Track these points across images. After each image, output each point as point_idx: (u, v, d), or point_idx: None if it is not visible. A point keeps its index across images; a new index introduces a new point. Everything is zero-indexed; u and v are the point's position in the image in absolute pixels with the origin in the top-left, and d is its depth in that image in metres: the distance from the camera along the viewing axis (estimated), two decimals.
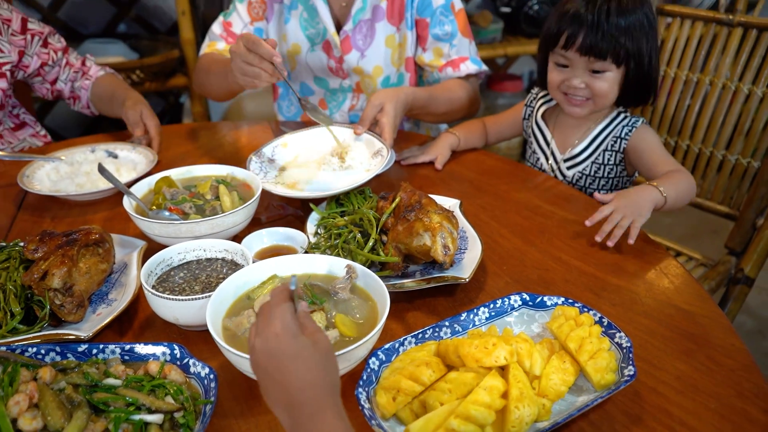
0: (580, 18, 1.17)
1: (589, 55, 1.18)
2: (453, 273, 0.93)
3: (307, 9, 1.51)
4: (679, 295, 0.94)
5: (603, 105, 1.25)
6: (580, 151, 1.31)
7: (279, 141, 1.29)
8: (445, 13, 1.48)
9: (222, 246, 0.94)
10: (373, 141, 1.24)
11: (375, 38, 1.50)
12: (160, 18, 2.70)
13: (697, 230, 2.63)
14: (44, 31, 1.53)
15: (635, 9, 1.18)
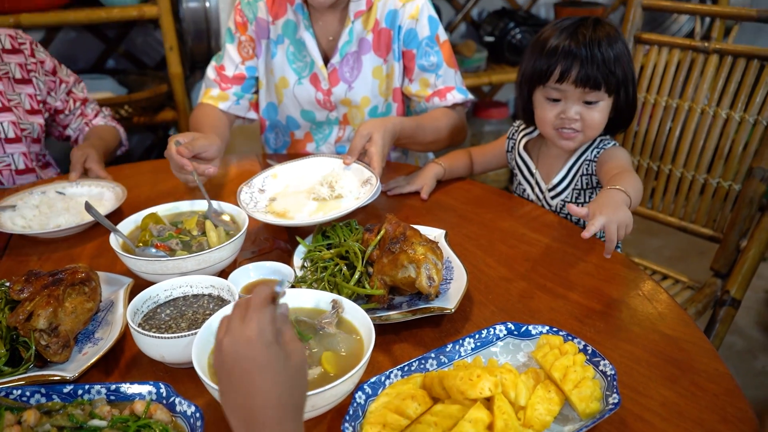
0: (572, 52, 1.19)
1: (585, 86, 1.20)
2: (439, 304, 0.94)
3: (294, 43, 1.54)
4: (662, 320, 0.95)
5: (592, 136, 1.28)
6: (560, 180, 1.33)
7: (269, 172, 1.31)
8: (430, 44, 1.51)
9: (208, 282, 0.95)
10: (362, 170, 1.26)
11: (362, 70, 1.53)
12: (149, 53, 2.73)
13: (685, 252, 2.66)
14: (70, 81, 1.70)
15: (617, 38, 1.23)
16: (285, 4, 1.53)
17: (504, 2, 3.00)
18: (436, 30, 1.51)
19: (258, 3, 1.54)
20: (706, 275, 1.60)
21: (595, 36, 1.20)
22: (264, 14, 1.55)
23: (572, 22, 1.24)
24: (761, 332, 2.27)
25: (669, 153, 1.64)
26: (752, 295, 2.42)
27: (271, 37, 1.56)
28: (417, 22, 1.48)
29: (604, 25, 1.24)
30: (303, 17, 1.51)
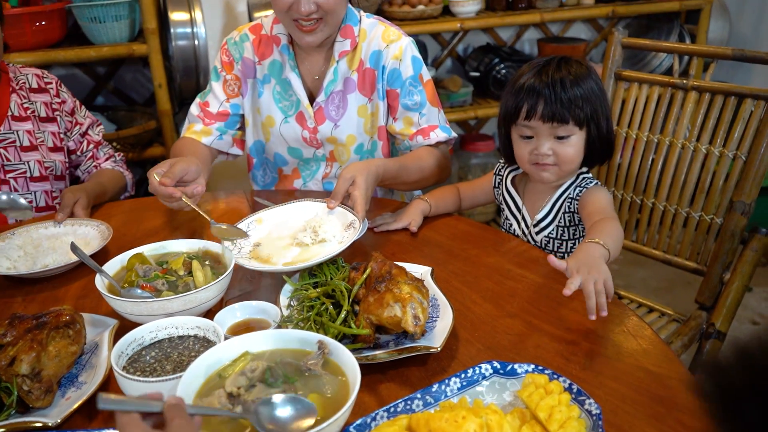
0: (536, 89, 1.25)
1: (552, 121, 1.25)
2: (425, 343, 0.94)
3: (280, 83, 1.57)
4: (647, 356, 0.96)
5: (569, 170, 1.31)
6: (544, 216, 1.35)
7: (254, 217, 1.31)
8: (414, 84, 1.54)
9: (194, 323, 0.94)
10: (345, 214, 1.27)
11: (347, 109, 1.56)
12: (138, 90, 2.75)
13: (671, 282, 2.68)
14: (85, 123, 1.73)
15: (585, 77, 1.27)
16: (271, 45, 1.56)
17: (489, 38, 3.06)
18: (419, 70, 1.54)
19: (244, 43, 1.57)
20: (692, 306, 1.61)
21: (560, 73, 1.25)
22: (250, 54, 1.57)
23: (541, 62, 1.30)
24: None
25: (651, 187, 1.67)
26: (738, 326, 2.44)
27: (257, 77, 1.58)
28: (401, 62, 1.52)
29: (571, 63, 1.28)
30: (289, 57, 1.54)
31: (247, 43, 1.57)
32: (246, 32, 1.58)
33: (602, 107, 1.28)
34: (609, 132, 1.31)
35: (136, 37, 2.39)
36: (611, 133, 1.32)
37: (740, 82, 3.11)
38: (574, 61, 1.30)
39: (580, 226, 1.34)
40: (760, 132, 1.46)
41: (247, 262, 1.15)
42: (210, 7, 2.67)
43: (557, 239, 1.36)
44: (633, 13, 2.82)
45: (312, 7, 1.39)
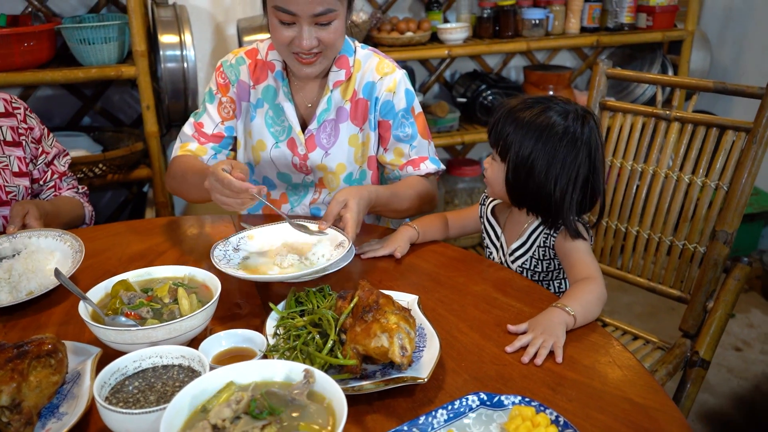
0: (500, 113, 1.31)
1: (489, 137, 1.33)
2: (412, 373, 0.94)
3: (273, 108, 1.57)
4: (632, 387, 0.96)
5: (490, 191, 1.39)
6: (519, 245, 1.36)
7: (246, 233, 1.35)
8: (406, 116, 1.57)
9: (179, 352, 0.93)
10: (336, 235, 1.30)
11: (339, 138, 1.57)
12: (125, 111, 2.75)
13: (656, 308, 2.70)
14: (51, 152, 1.70)
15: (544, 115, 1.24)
16: (266, 70, 1.57)
17: (476, 65, 3.10)
18: (411, 102, 1.57)
19: (240, 67, 1.58)
20: (676, 331, 1.63)
21: (523, 107, 1.28)
22: (246, 78, 1.58)
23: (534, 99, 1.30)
24: (733, 390, 2.29)
25: (636, 215, 1.69)
26: (722, 352, 2.46)
27: (251, 101, 1.59)
28: (394, 95, 1.54)
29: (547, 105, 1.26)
30: (283, 84, 1.55)
31: (243, 67, 1.58)
32: (242, 56, 1.59)
33: (537, 158, 1.23)
34: (540, 188, 1.25)
35: (125, 58, 2.39)
36: (546, 191, 1.25)
37: (721, 110, 3.19)
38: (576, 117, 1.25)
39: (555, 261, 1.35)
40: (741, 163, 1.49)
41: (234, 272, 1.20)
42: (200, 30, 2.69)
43: (530, 270, 1.37)
44: (617, 43, 2.87)
45: (314, 42, 1.40)
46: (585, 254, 1.26)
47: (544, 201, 1.27)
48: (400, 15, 2.86)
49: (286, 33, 1.40)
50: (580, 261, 1.25)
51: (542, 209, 1.30)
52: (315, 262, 1.26)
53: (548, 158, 1.24)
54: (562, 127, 1.24)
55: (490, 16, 2.74)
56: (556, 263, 1.35)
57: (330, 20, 1.40)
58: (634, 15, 2.87)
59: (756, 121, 1.47)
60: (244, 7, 2.74)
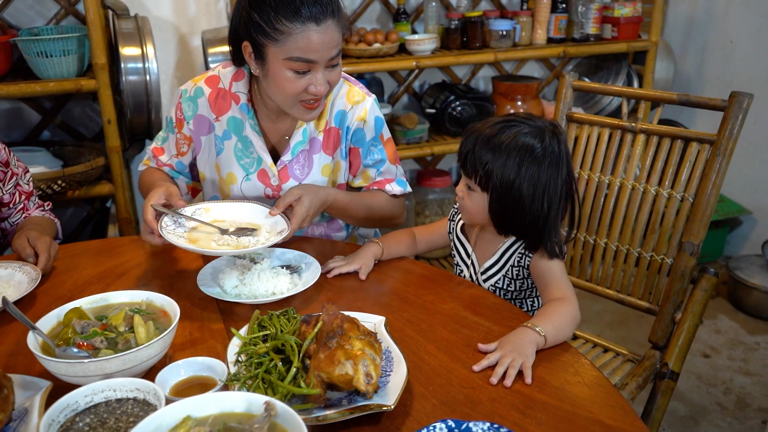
0: (474, 131, 1.27)
1: (463, 168, 1.29)
2: (378, 401, 0.91)
3: (241, 140, 1.53)
4: (602, 408, 0.95)
5: (466, 220, 1.36)
6: (491, 265, 1.34)
7: (203, 205, 1.39)
8: (375, 143, 1.55)
9: (133, 385, 0.89)
10: (280, 221, 1.36)
11: (312, 168, 1.54)
12: (86, 124, 2.68)
13: (626, 315, 2.71)
14: (19, 172, 1.61)
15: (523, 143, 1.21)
16: (229, 101, 1.51)
17: (445, 76, 3.10)
18: (380, 129, 1.55)
19: (198, 99, 1.52)
20: (646, 338, 1.63)
21: (495, 131, 1.23)
22: (206, 111, 1.52)
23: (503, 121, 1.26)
24: (702, 397, 2.31)
25: (604, 227, 1.69)
26: (690, 359, 2.48)
27: (216, 134, 1.54)
28: (365, 123, 1.52)
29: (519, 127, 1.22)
30: (249, 116, 1.50)
31: (202, 99, 1.52)
32: (201, 86, 1.52)
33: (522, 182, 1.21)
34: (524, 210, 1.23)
35: (86, 71, 2.33)
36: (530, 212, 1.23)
37: (686, 119, 3.24)
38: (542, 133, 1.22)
39: (528, 281, 1.33)
40: (706, 175, 1.50)
41: (175, 240, 1.25)
42: (163, 42, 2.63)
43: (503, 289, 1.35)
44: (583, 53, 2.90)
45: (327, 87, 1.37)
46: (560, 275, 1.25)
47: (533, 224, 1.24)
48: (368, 26, 2.85)
49: (300, 83, 1.34)
50: (555, 281, 1.24)
51: (529, 232, 1.27)
52: (248, 244, 1.29)
53: (534, 182, 1.21)
54: (541, 148, 1.21)
55: (457, 27, 2.74)
56: (530, 282, 1.33)
57: (338, 61, 1.38)
58: (599, 26, 2.90)
59: (719, 134, 1.48)
60: (208, 18, 2.70)
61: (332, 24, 1.31)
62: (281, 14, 1.28)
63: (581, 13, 2.88)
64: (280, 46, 1.31)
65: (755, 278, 2.75)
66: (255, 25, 1.32)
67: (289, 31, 1.29)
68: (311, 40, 1.29)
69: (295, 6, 1.28)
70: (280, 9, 1.28)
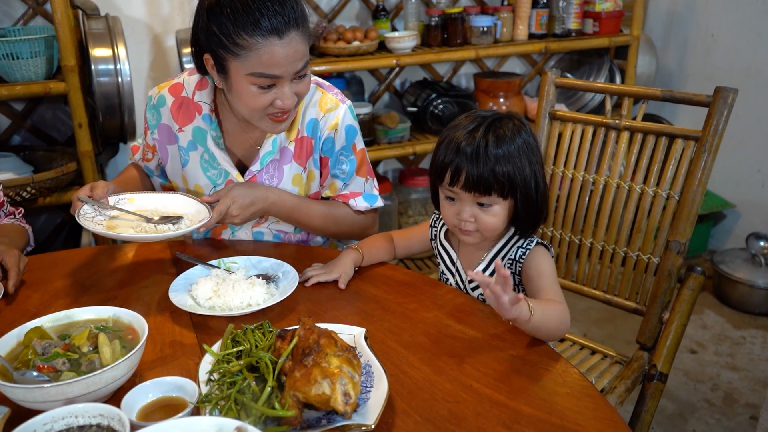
0: (461, 159, 1.18)
1: (473, 191, 1.19)
2: (357, 420, 0.86)
3: (207, 151, 1.47)
4: (592, 421, 0.91)
5: (491, 236, 1.26)
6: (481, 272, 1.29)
7: (128, 196, 1.41)
8: (345, 153, 1.49)
9: (96, 410, 0.83)
10: (205, 212, 1.35)
11: (282, 179, 1.48)
12: (58, 128, 2.60)
13: (613, 313, 2.69)
14: None
15: (514, 137, 1.19)
16: (193, 112, 1.45)
17: (426, 73, 3.06)
18: (353, 139, 1.48)
19: (161, 109, 1.47)
20: (633, 336, 1.60)
21: (487, 140, 1.17)
22: (168, 120, 1.47)
23: (472, 124, 1.21)
24: (690, 394, 2.29)
25: (589, 227, 1.66)
26: (678, 355, 2.46)
27: (180, 144, 1.48)
28: (336, 132, 1.46)
29: (502, 125, 1.20)
30: (211, 128, 1.45)
31: (164, 108, 1.46)
32: (164, 94, 1.47)
33: (533, 168, 1.20)
34: (539, 199, 1.23)
35: (55, 74, 2.25)
36: (542, 199, 1.23)
37: (669, 113, 3.23)
38: (508, 121, 1.22)
39: (519, 287, 1.29)
40: (691, 172, 1.47)
41: (92, 226, 1.26)
42: (136, 42, 2.56)
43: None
44: (565, 49, 2.87)
45: (295, 100, 1.30)
46: (552, 281, 1.21)
47: (546, 208, 1.26)
48: (347, 24, 2.80)
49: (266, 97, 1.28)
50: (547, 288, 1.20)
51: (543, 219, 1.27)
52: (166, 230, 1.30)
53: (541, 168, 1.24)
54: (532, 137, 1.23)
55: (438, 24, 2.70)
56: (520, 288, 1.29)
57: (306, 71, 1.31)
58: (580, 21, 2.87)
59: (704, 130, 1.45)
60: (183, 17, 2.63)
61: (296, 36, 1.24)
62: (240, 27, 1.20)
63: (562, 8, 2.85)
64: (241, 61, 1.23)
65: (740, 272, 2.75)
66: (215, 39, 1.24)
67: (250, 46, 1.21)
68: (274, 55, 1.22)
69: (254, 18, 1.20)
70: (239, 22, 1.20)
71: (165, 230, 1.30)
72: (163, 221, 1.33)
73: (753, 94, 2.80)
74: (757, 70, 2.81)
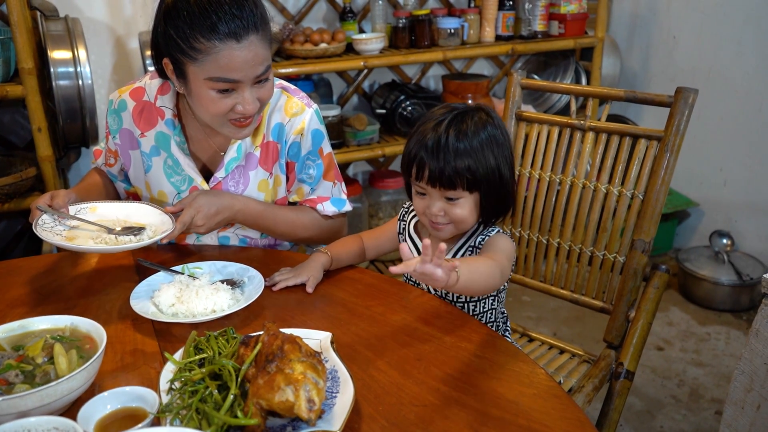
0: (426, 154, 1.18)
1: (437, 185, 1.19)
2: (322, 426, 0.85)
3: (170, 156, 1.44)
4: (558, 422, 0.91)
5: (464, 228, 1.26)
6: None
7: (89, 204, 1.37)
8: (312, 158, 1.47)
9: (50, 424, 0.80)
10: (169, 222, 1.32)
11: (248, 185, 1.46)
12: (17, 132, 2.53)
13: (582, 312, 2.72)
14: None
15: (477, 131, 1.19)
16: (155, 117, 1.43)
17: (394, 75, 3.06)
18: (319, 144, 1.47)
19: (122, 113, 1.44)
20: (601, 334, 1.61)
21: (452, 135, 1.17)
22: (129, 125, 1.44)
23: (439, 117, 1.22)
24: (657, 390, 2.33)
25: (556, 226, 1.67)
26: (645, 352, 2.49)
27: (143, 150, 1.45)
28: (302, 137, 1.44)
29: (468, 120, 1.20)
30: (174, 133, 1.42)
31: (126, 114, 1.43)
32: (125, 98, 1.44)
33: (497, 159, 1.21)
34: (505, 191, 1.24)
35: (12, 76, 2.19)
36: (508, 191, 1.25)
37: (633, 113, 3.28)
38: (474, 114, 1.22)
39: None
40: (654, 172, 1.49)
41: (50, 237, 1.22)
42: (98, 44, 2.51)
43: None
44: (531, 50, 2.89)
45: (257, 105, 1.28)
46: (499, 249, 1.23)
47: (511, 198, 1.27)
48: (314, 25, 2.78)
49: (226, 102, 1.26)
50: (495, 250, 1.22)
51: (507, 208, 1.28)
52: (125, 241, 1.27)
53: (506, 160, 1.24)
54: (499, 130, 1.24)
55: (405, 26, 2.70)
56: None
57: (268, 76, 1.29)
58: (546, 23, 2.90)
59: (666, 130, 1.47)
60: (146, 19, 2.58)
61: (255, 39, 1.22)
62: (197, 31, 1.18)
63: (528, 10, 2.87)
64: (199, 66, 1.21)
65: (704, 270, 2.80)
66: (172, 42, 1.22)
67: (207, 50, 1.19)
68: (233, 59, 1.20)
69: (211, 22, 1.18)
70: (195, 25, 1.18)
71: (126, 242, 1.27)
72: (125, 232, 1.30)
73: (714, 94, 2.87)
74: (718, 72, 2.88)
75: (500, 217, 1.28)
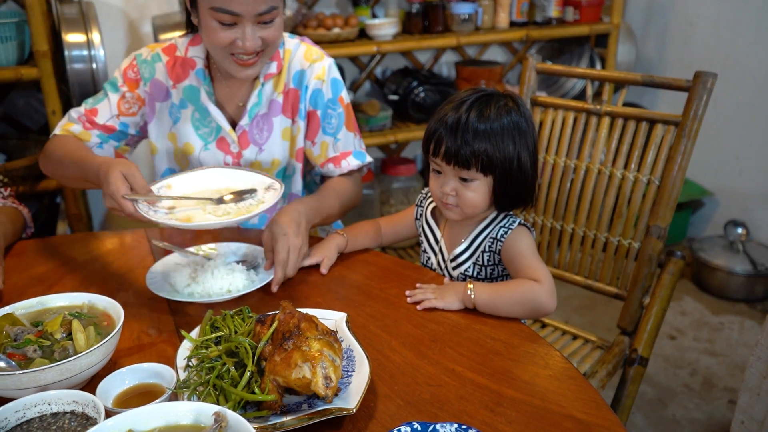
0: (444, 130, 1.18)
1: (452, 163, 1.18)
2: (339, 404, 0.85)
3: (198, 109, 1.47)
4: (574, 402, 0.91)
5: (470, 213, 1.24)
6: (461, 251, 1.28)
7: (163, 183, 1.25)
8: (332, 106, 1.49)
9: (70, 397, 0.81)
10: (262, 179, 1.25)
11: (272, 132, 1.49)
12: (31, 116, 2.54)
13: (594, 300, 2.71)
14: None
15: (500, 115, 1.18)
16: (187, 69, 1.46)
17: (407, 61, 3.04)
18: (339, 92, 1.50)
19: (156, 64, 1.46)
20: (614, 322, 1.60)
21: (472, 116, 1.16)
22: (163, 77, 1.46)
23: (462, 98, 1.21)
24: (669, 379, 2.32)
25: (570, 212, 1.66)
26: (658, 341, 2.48)
27: (173, 101, 1.48)
28: (324, 83, 1.47)
29: (492, 103, 1.19)
30: (204, 83, 1.45)
31: (159, 65, 1.46)
32: (159, 52, 1.47)
33: (517, 148, 1.19)
34: (522, 181, 1.21)
35: (27, 59, 2.19)
36: (524, 181, 1.22)
37: (648, 102, 3.25)
38: (500, 99, 1.20)
39: (499, 267, 1.28)
40: (671, 157, 1.47)
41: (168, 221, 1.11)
42: (111, 28, 2.51)
43: (473, 277, 1.29)
44: (546, 37, 2.87)
45: (257, 43, 1.30)
46: (530, 260, 1.19)
47: (531, 189, 1.25)
48: (327, 10, 2.77)
49: (226, 35, 1.28)
50: (525, 267, 1.19)
51: (528, 198, 1.26)
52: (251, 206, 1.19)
53: (527, 149, 1.21)
54: (524, 119, 1.21)
55: (419, 12, 2.68)
56: (500, 269, 1.28)
57: (273, 18, 1.30)
58: (561, 9, 2.87)
59: (684, 115, 1.45)
60: (159, 3, 2.58)
61: None
62: None
63: None
64: None
65: (718, 259, 2.78)
66: None
67: None
68: None
69: None
70: None
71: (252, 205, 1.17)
72: (238, 198, 1.20)
73: (731, 82, 2.83)
74: (735, 59, 2.84)
75: (517, 207, 1.26)
